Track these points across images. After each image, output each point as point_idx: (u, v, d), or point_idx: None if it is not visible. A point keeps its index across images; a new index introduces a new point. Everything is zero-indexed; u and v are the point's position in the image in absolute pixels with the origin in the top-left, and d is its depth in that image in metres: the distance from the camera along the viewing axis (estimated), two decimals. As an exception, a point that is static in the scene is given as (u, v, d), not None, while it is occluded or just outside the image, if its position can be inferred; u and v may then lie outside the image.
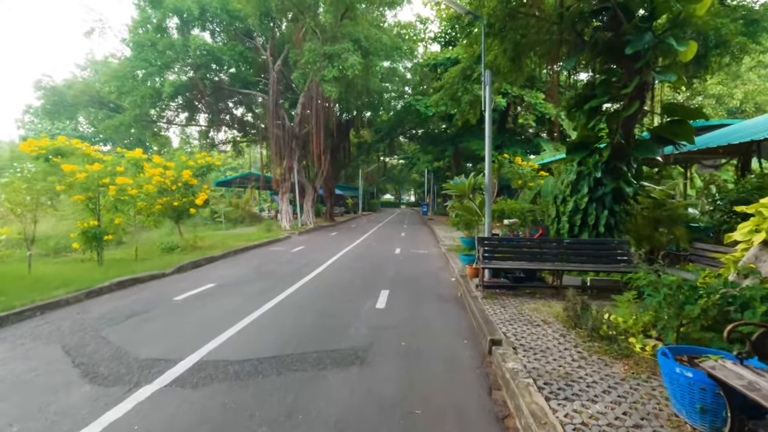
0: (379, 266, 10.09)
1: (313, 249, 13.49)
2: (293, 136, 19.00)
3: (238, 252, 12.36)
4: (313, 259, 11.16)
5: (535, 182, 13.18)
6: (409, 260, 11.16)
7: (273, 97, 17.69)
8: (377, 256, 12.00)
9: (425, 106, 21.39)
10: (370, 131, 32.55)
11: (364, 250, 13.46)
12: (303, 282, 8.04)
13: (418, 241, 16.61)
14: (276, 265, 10.07)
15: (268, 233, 17.76)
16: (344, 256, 11.77)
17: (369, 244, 15.08)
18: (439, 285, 7.97)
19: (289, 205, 19.57)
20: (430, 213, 37.72)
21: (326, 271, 9.33)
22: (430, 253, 12.57)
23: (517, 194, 15.72)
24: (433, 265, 10.34)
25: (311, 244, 15.15)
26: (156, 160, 11.92)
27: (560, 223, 7.68)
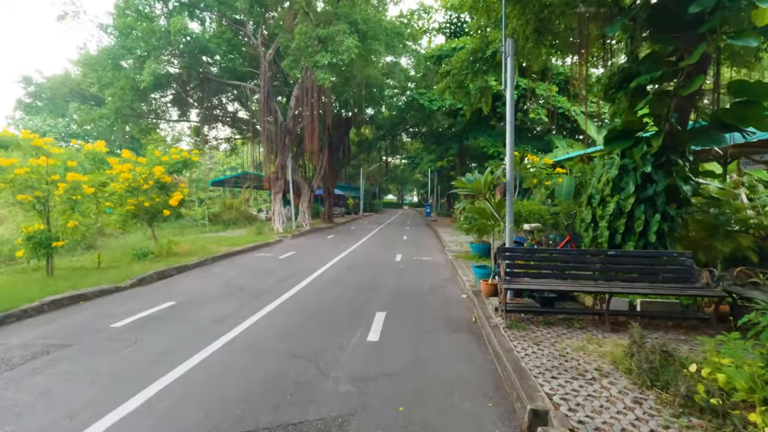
0: (377, 278, 8.64)
1: (304, 255, 12.06)
2: (286, 132, 17.59)
3: (217, 259, 10.94)
4: (300, 268, 9.73)
5: (552, 181, 11.69)
6: (412, 270, 9.72)
7: (264, 89, 16.31)
8: (375, 264, 10.56)
9: (429, 99, 19.96)
10: (371, 128, 31.15)
11: (361, 256, 12.02)
12: (280, 301, 6.60)
13: (421, 245, 15.16)
14: (254, 277, 8.64)
15: (258, 236, 16.36)
16: (337, 265, 10.33)
17: (367, 250, 13.64)
18: (448, 305, 6.51)
19: (283, 205, 18.16)
20: (433, 214, 36.26)
21: (312, 285, 7.89)
22: (435, 261, 11.12)
23: (527, 195, 14.25)
24: (439, 277, 8.89)
25: (303, 249, 13.72)
26: (125, 155, 10.53)
27: (597, 230, 6.21)
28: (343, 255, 12.14)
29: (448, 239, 15.89)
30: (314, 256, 11.95)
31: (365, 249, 13.83)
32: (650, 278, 5.14)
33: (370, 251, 13.27)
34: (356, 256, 12.12)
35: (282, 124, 17.43)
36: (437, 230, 20.57)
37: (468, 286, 7.41)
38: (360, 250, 13.41)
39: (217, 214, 26.28)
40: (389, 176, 70.76)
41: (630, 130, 6.32)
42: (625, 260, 5.25)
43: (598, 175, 6.45)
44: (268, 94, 16.60)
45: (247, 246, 13.30)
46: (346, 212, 41.87)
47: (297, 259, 11.23)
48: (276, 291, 7.26)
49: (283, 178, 17.93)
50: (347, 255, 12.20)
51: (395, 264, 10.55)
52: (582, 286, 5.02)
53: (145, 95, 17.09)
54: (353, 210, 44.52)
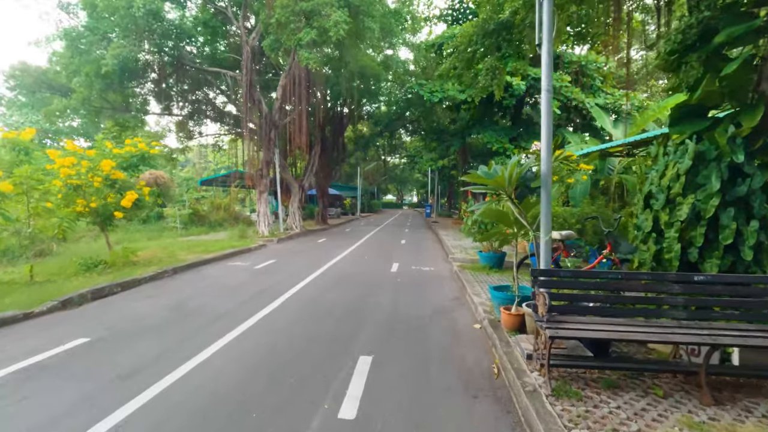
0: (367, 297, 6.96)
1: (284, 265, 10.38)
2: (272, 125, 15.92)
3: (180, 270, 9.26)
4: (276, 282, 8.05)
5: (577, 177, 10.05)
6: (410, 284, 8.04)
7: (247, 77, 14.64)
8: (367, 276, 8.89)
9: (430, 91, 18.29)
10: (369, 124, 29.49)
11: (352, 265, 10.35)
12: (231, 337, 4.92)
13: (421, 251, 13.48)
14: (215, 296, 6.96)
15: (240, 241, 14.69)
16: (322, 277, 8.66)
17: (360, 257, 11.97)
18: (458, 341, 4.84)
19: (268, 206, 16.49)
20: (434, 215, 34.63)
21: (283, 309, 6.21)
22: (438, 272, 9.45)
23: (534, 195, 12.66)
24: (443, 295, 7.21)
25: (286, 256, 12.04)
26: (70, 147, 8.85)
27: (663, 242, 4.54)
28: (330, 264, 10.47)
29: (451, 244, 14.23)
30: (297, 265, 10.27)
31: (358, 256, 12.15)
32: (757, 316, 3.50)
33: (363, 259, 11.60)
34: (346, 265, 10.45)
35: (267, 117, 15.76)
36: (438, 233, 18.90)
37: (481, 310, 5.74)
38: (352, 257, 11.74)
39: (204, 215, 24.71)
40: (388, 176, 69.09)
41: (704, 107, 4.67)
42: (721, 289, 3.58)
43: (660, 168, 4.78)
44: (251, 83, 14.94)
45: (221, 253, 11.63)
46: (342, 213, 40.18)
47: (275, 270, 9.55)
48: (233, 318, 5.58)
49: (269, 176, 16.25)
50: (336, 264, 10.53)
51: (391, 276, 8.88)
52: (666, 330, 3.34)
53: (118, 85, 15.40)
54: (350, 210, 42.83)
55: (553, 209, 8.28)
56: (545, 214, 4.12)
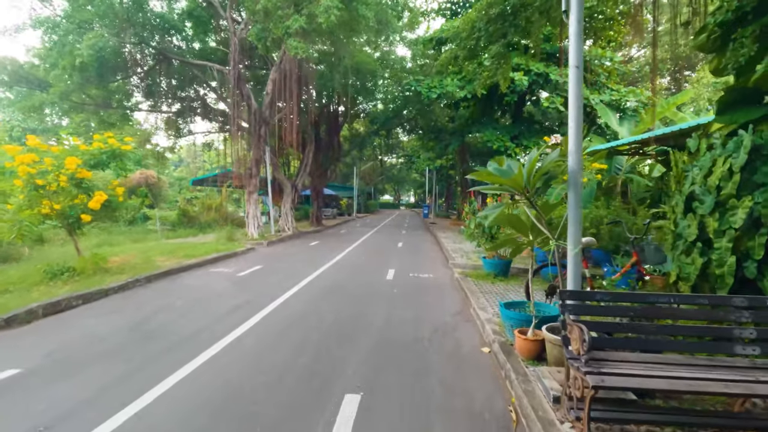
0: (358, 312, 6.17)
1: (270, 272, 9.57)
2: (262, 122, 15.08)
3: (154, 279, 8.43)
4: (258, 293, 7.24)
5: (590, 177, 9.28)
6: (407, 296, 7.25)
7: (234, 70, 13.81)
8: (359, 287, 8.09)
9: (428, 87, 17.51)
10: (365, 121, 28.72)
11: (344, 272, 9.55)
12: (189, 370, 4.10)
13: (419, 255, 12.70)
14: (186, 310, 6.14)
15: (227, 244, 13.86)
16: (309, 287, 7.85)
17: (354, 261, 11.17)
18: (464, 372, 4.05)
19: (258, 207, 15.66)
20: (431, 216, 33.88)
21: (260, 328, 5.40)
22: (438, 280, 8.67)
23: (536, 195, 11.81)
24: (444, 308, 6.43)
25: (275, 261, 11.23)
26: (31, 143, 8.00)
27: (710, 253, 3.77)
28: (321, 270, 9.66)
29: (451, 247, 13.45)
30: (284, 272, 9.46)
31: (352, 261, 11.35)
32: None
33: (357, 264, 10.80)
34: (338, 272, 9.65)
35: (257, 113, 14.92)
36: (437, 235, 18.13)
37: (490, 330, 4.96)
38: (345, 263, 10.94)
39: (194, 216, 23.87)
40: (385, 176, 68.32)
41: (761, 91, 3.90)
42: (802, 318, 2.81)
43: (705, 164, 4.01)
44: (239, 77, 14.09)
45: (205, 258, 10.81)
46: (338, 214, 39.36)
47: (260, 278, 8.74)
48: (199, 342, 4.77)
49: (259, 176, 15.42)
50: (327, 270, 9.73)
51: (386, 286, 8.08)
52: (741, 376, 2.56)
53: (96, 78, 14.52)
54: (347, 211, 42.01)
55: (560, 212, 7.53)
56: (574, 221, 3.33)
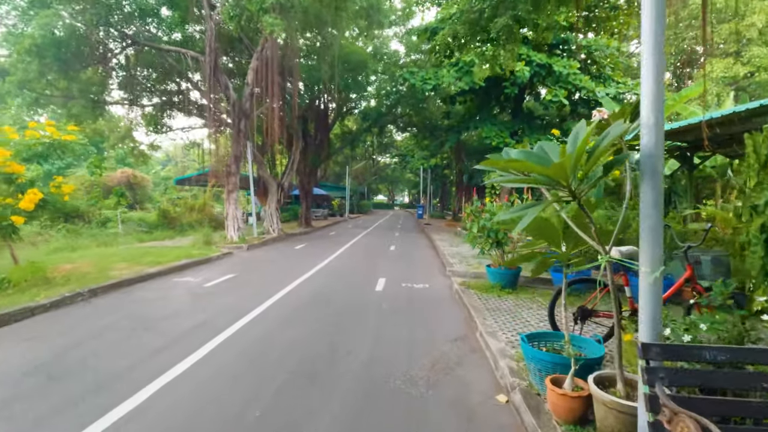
0: (335, 342, 4.97)
1: (242, 282, 8.35)
2: (242, 115, 13.83)
3: (102, 292, 7.16)
4: (219, 311, 6.02)
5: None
6: (399, 315, 6.07)
7: (210, 57, 12.55)
8: (342, 301, 6.90)
9: (422, 79, 16.37)
10: (356, 118, 27.58)
11: (327, 282, 8.36)
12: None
13: (413, 261, 11.53)
14: (120, 340, 4.89)
15: (202, 248, 12.59)
16: (281, 303, 6.65)
17: (340, 268, 9.98)
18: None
19: (238, 207, 14.40)
20: (426, 216, 32.79)
21: (203, 369, 4.18)
22: (435, 292, 7.51)
23: None
24: (444, 333, 5.25)
25: (249, 269, 10.00)
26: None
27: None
28: (301, 280, 8.45)
29: (448, 251, 12.30)
30: (258, 282, 8.24)
31: (337, 267, 10.16)
32: None
33: (343, 271, 9.61)
34: (320, 281, 8.45)
35: (236, 104, 13.66)
36: (432, 237, 16.99)
37: (505, 366, 3.80)
38: (330, 270, 9.74)
39: (175, 217, 22.54)
40: (379, 175, 67.18)
41: None
42: None
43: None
44: (216, 65, 12.84)
45: (172, 265, 9.55)
46: (330, 214, 38.10)
47: (228, 290, 7.51)
48: (116, 391, 3.54)
49: (239, 173, 14.15)
50: (308, 280, 8.52)
51: (374, 299, 6.90)
52: None
53: (62, 65, 13.18)
54: (338, 212, 40.76)
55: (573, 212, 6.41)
56: (652, 230, 2.16)
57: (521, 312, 5.83)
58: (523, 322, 5.29)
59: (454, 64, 16.46)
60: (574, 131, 2.55)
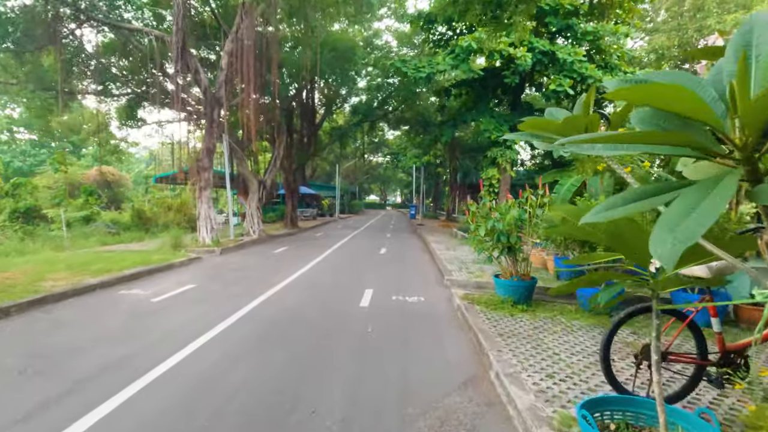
0: (299, 389, 3.62)
1: (199, 296, 6.94)
2: (216, 103, 12.39)
3: (15, 311, 5.70)
4: (148, 343, 4.61)
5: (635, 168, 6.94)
6: (387, 342, 4.74)
7: (178, 36, 11.09)
8: (318, 322, 5.55)
9: (415, 67, 15.06)
10: (345, 113, 26.23)
11: (301, 296, 6.99)
12: None
13: (406, 267, 10.22)
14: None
15: (167, 253, 11.14)
16: (240, 325, 5.27)
17: (320, 277, 8.61)
18: None
19: (212, 206, 12.94)
20: (419, 217, 31.52)
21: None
22: (432, 308, 6.19)
23: (552, 190, 9.36)
24: (447, 372, 3.93)
25: (214, 278, 8.59)
26: None
27: None
28: (273, 292, 7.08)
29: (445, 255, 10.99)
30: (219, 295, 6.85)
31: (319, 275, 8.79)
32: None
33: (324, 280, 8.25)
34: (295, 293, 7.08)
35: (208, 92, 12.22)
36: (426, 239, 15.69)
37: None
38: (309, 278, 8.37)
39: (150, 218, 21.03)
40: (370, 175, 65.82)
41: None
42: None
43: None
44: (184, 46, 11.38)
45: (123, 273, 8.12)
46: (319, 214, 36.66)
47: (181, 306, 6.12)
48: None
49: (211, 168, 12.71)
50: (281, 291, 7.15)
51: (359, 319, 5.56)
52: None
53: (16, 48, 11.66)
54: (328, 212, 39.33)
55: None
56: None
57: (544, 338, 4.53)
58: (552, 357, 3.99)
59: (450, 51, 15.21)
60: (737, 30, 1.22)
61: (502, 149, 15.73)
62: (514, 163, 16.81)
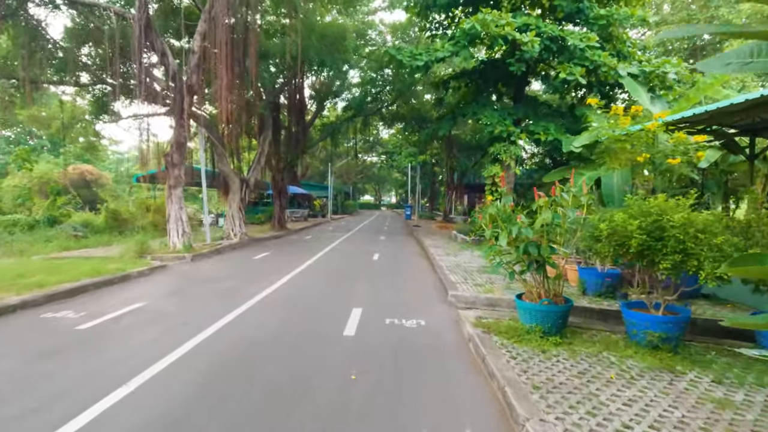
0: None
1: (144, 320, 5.53)
2: (187, 90, 10.96)
3: None
4: (24, 411, 3.23)
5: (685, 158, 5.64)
6: (378, 397, 3.39)
7: (141, 12, 9.65)
8: (286, 364, 4.19)
9: (411, 55, 13.73)
10: (335, 107, 24.87)
11: (271, 319, 5.61)
12: None
13: (402, 278, 8.87)
14: None
15: (127, 261, 9.70)
16: (174, 373, 3.88)
17: (299, 292, 7.23)
18: None
19: (183, 207, 11.49)
20: (415, 218, 30.22)
21: None
22: (436, 335, 4.84)
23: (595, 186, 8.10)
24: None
25: (172, 293, 7.17)
26: None
27: None
28: (238, 312, 5.69)
29: (445, 262, 9.65)
30: (172, 317, 5.44)
31: (299, 289, 7.41)
32: None
33: (304, 296, 6.87)
34: (265, 316, 5.69)
35: (177, 77, 10.78)
36: (423, 242, 14.36)
37: None
38: (286, 293, 6.99)
39: (126, 219, 19.51)
40: (365, 174, 64.40)
41: None
42: None
43: None
44: (148, 23, 9.92)
45: (59, 288, 6.68)
46: (311, 215, 35.18)
47: (113, 336, 4.72)
48: None
49: (182, 164, 11.26)
50: (247, 313, 5.76)
51: (340, 357, 4.20)
52: None
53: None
54: (321, 212, 37.86)
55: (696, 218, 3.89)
56: None
57: (598, 393, 3.20)
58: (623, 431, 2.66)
59: (450, 38, 13.92)
60: None
61: (506, 145, 14.43)
62: (519, 160, 15.54)
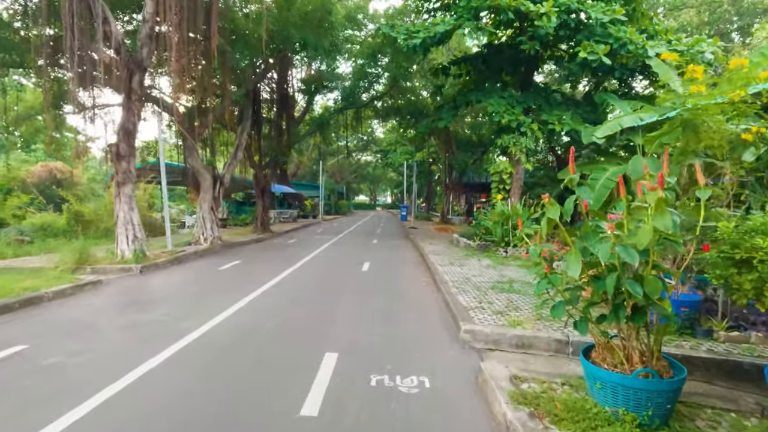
0: None
1: (7, 380, 3.63)
2: (134, 65, 9.03)
3: None
4: None
5: None
6: None
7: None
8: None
9: (406, 32, 11.89)
10: (325, 100, 23.02)
11: (203, 375, 3.72)
12: None
13: (397, 298, 6.99)
14: None
15: (51, 275, 7.76)
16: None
17: (258, 323, 5.33)
18: None
19: (134, 207, 9.55)
20: (410, 218, 28.37)
21: None
22: (448, 417, 3.00)
23: None
24: None
25: (80, 330, 5.23)
26: None
27: None
28: (162, 359, 3.81)
29: (450, 275, 7.79)
30: (49, 377, 3.55)
31: (258, 317, 5.52)
32: None
33: (262, 331, 4.99)
34: (196, 369, 3.81)
35: (121, 49, 8.86)
36: (421, 248, 12.51)
37: None
38: (240, 324, 5.11)
39: (90, 221, 17.56)
40: (359, 174, 62.45)
41: None
42: None
43: None
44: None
45: None
46: (302, 216, 33.24)
47: None
48: None
49: (132, 156, 9.33)
50: (172, 361, 3.88)
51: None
52: None
53: None
54: (311, 213, 35.89)
55: None
56: None
57: None
58: None
59: (453, 11, 12.13)
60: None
61: (515, 136, 12.63)
62: (530, 153, 13.75)
